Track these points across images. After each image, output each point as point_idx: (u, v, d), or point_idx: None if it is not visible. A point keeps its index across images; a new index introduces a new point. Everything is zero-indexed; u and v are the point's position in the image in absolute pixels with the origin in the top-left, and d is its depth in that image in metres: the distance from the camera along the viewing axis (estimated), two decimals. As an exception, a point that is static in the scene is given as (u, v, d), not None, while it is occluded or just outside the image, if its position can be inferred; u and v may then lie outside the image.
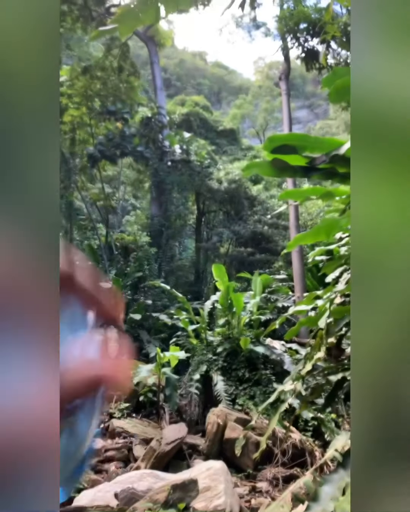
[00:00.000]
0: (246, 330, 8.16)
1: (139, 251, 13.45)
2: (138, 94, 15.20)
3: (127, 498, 3.49)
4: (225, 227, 17.25)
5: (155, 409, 7.10)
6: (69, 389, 0.32)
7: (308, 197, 3.97)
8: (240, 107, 45.39)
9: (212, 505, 3.41)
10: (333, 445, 3.39)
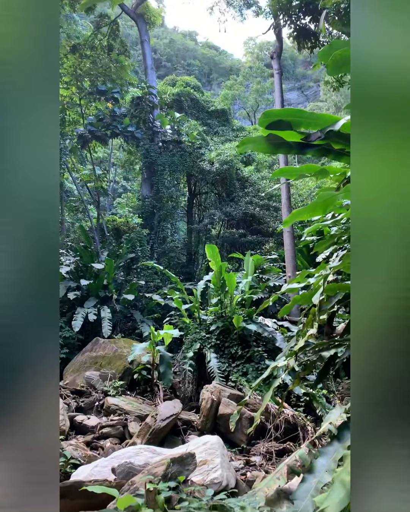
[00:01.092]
0: (239, 309, 8.24)
1: (131, 232, 13.39)
2: (129, 73, 14.89)
3: (125, 472, 3.55)
4: (216, 209, 17.20)
5: (150, 387, 7.18)
6: None
7: (302, 174, 3.97)
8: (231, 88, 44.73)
9: (209, 478, 3.48)
10: (327, 418, 3.47)
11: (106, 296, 10.70)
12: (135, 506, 1.97)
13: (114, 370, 7.36)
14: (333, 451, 2.95)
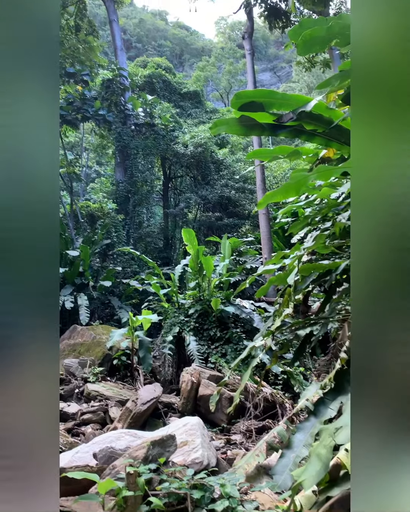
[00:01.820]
0: (217, 291, 8.29)
1: (106, 218, 13.22)
2: (98, 55, 14.47)
3: (106, 457, 3.57)
4: (192, 192, 17.10)
5: (129, 372, 7.20)
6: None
7: (276, 156, 3.97)
8: (203, 69, 44.17)
9: (190, 459, 3.54)
10: (304, 395, 3.55)
11: (82, 283, 10.60)
12: (116, 489, 1.99)
13: (93, 357, 7.34)
14: (310, 426, 3.03)
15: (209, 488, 2.14)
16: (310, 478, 2.17)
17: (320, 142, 3.54)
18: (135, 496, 1.98)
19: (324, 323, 4.61)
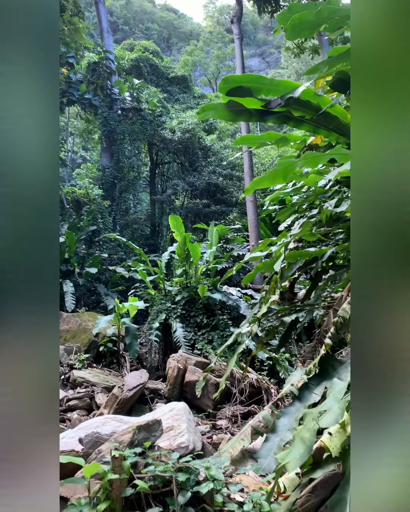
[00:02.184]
0: (203, 278, 8.30)
1: (92, 204, 13.08)
2: (83, 37, 14.13)
3: (92, 442, 3.59)
4: (179, 179, 16.99)
5: (116, 359, 7.21)
6: None
7: (263, 142, 3.95)
8: (191, 54, 43.61)
9: (175, 443, 3.57)
10: (289, 380, 3.60)
11: (68, 270, 10.52)
12: (101, 473, 2.00)
13: (79, 343, 7.33)
14: (294, 411, 3.08)
15: (194, 471, 2.17)
16: (294, 461, 2.21)
17: (308, 128, 3.53)
18: (121, 479, 1.99)
19: (310, 310, 4.66)
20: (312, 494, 2.23)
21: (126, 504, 2.04)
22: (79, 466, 2.75)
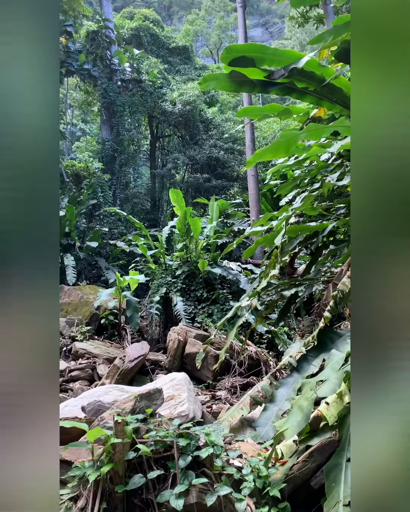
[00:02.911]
0: (204, 253, 8.33)
1: (92, 178, 12.98)
2: (82, 4, 13.69)
3: (94, 410, 3.68)
4: (180, 153, 16.78)
5: (117, 331, 7.30)
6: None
7: (266, 114, 3.89)
8: (193, 23, 42.35)
9: (176, 412, 3.66)
10: (288, 352, 3.66)
11: (68, 244, 10.54)
12: (104, 437, 2.07)
13: (80, 316, 7.41)
14: (293, 382, 3.15)
15: (194, 436, 2.23)
16: (292, 428, 2.28)
17: (311, 100, 3.47)
18: (123, 443, 2.06)
19: (309, 284, 4.70)
20: (309, 460, 2.30)
21: (128, 467, 2.12)
22: (81, 433, 2.83)
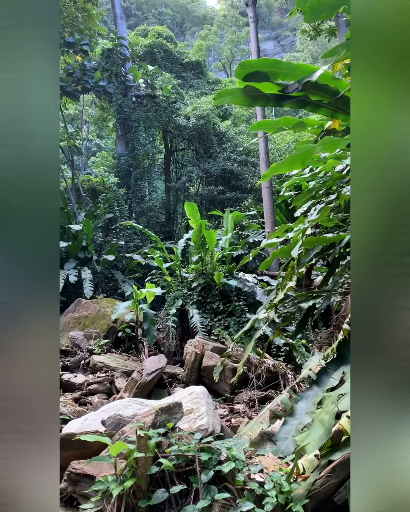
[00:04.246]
0: (219, 265, 8.33)
1: (108, 192, 13.15)
2: (97, 23, 14.04)
3: (114, 424, 3.69)
4: (194, 166, 16.92)
5: (134, 344, 7.32)
6: None
7: (280, 127, 3.93)
8: (205, 38, 42.92)
9: (195, 426, 3.65)
10: (307, 365, 3.63)
11: (85, 257, 10.65)
12: (127, 451, 2.08)
13: (98, 329, 7.45)
14: (312, 395, 3.12)
15: (216, 451, 2.23)
16: (313, 443, 2.25)
17: (325, 113, 3.49)
18: (146, 457, 2.06)
19: (327, 296, 4.66)
20: (332, 475, 2.27)
21: (151, 482, 2.12)
22: (102, 447, 2.84)
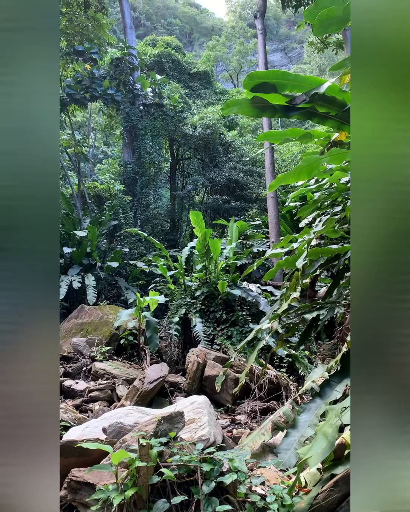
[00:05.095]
0: (223, 274, 8.33)
1: (113, 199, 13.22)
2: (107, 33, 14.24)
3: (115, 432, 3.67)
4: (200, 175, 16.99)
5: (136, 351, 7.30)
6: None
7: (287, 138, 3.95)
8: (213, 49, 43.33)
9: (197, 436, 3.63)
10: (310, 377, 3.61)
11: (89, 264, 10.67)
12: (129, 460, 2.06)
13: (100, 336, 7.44)
14: (315, 407, 3.09)
15: (218, 462, 2.21)
16: (316, 456, 2.23)
17: (332, 125, 3.51)
18: (148, 466, 2.05)
19: (331, 307, 4.65)
20: (335, 489, 2.25)
21: (152, 491, 2.10)
22: (103, 455, 2.82)
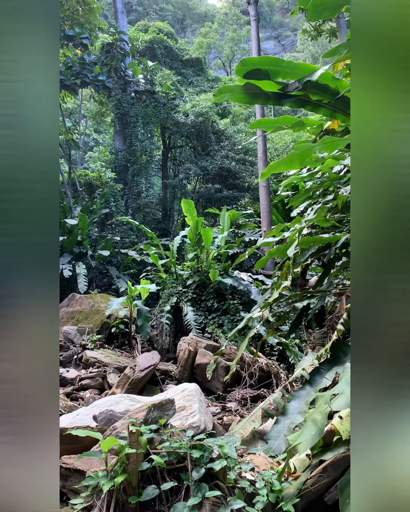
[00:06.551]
0: (215, 263, 8.33)
1: (104, 187, 13.10)
2: (98, 17, 13.96)
3: (106, 419, 3.68)
4: (192, 163, 16.89)
5: (127, 340, 7.31)
6: None
7: (279, 126, 3.92)
8: (206, 36, 42.76)
9: (187, 423, 3.65)
10: (300, 365, 3.64)
11: (80, 252, 10.61)
12: (118, 447, 2.07)
13: (91, 324, 7.43)
14: (305, 395, 3.12)
15: (208, 448, 2.22)
16: (305, 442, 2.25)
17: (325, 113, 3.49)
18: (137, 453, 2.06)
19: (322, 296, 4.67)
20: (323, 475, 2.28)
21: (142, 478, 2.11)
22: (93, 442, 2.83)
